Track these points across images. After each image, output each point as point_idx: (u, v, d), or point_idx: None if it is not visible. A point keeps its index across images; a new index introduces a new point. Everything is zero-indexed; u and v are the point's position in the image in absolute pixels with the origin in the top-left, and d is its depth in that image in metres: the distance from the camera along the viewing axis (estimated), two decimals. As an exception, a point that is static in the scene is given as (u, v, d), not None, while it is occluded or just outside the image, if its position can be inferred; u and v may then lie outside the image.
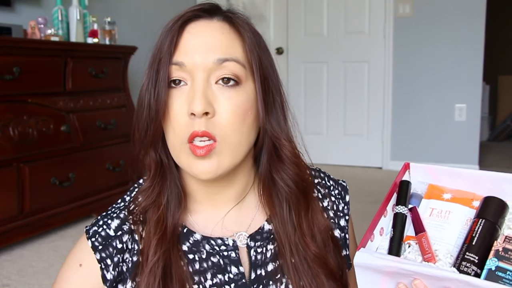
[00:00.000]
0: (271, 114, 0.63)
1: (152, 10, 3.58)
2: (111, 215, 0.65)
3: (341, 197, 0.72)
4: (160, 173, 0.64)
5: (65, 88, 2.31)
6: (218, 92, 0.58)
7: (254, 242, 0.64)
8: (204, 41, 0.58)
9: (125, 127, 2.66)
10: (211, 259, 0.63)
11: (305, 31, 3.87)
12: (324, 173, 0.74)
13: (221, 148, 0.58)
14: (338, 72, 3.80)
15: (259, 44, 0.62)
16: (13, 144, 1.99)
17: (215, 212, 0.66)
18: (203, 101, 0.56)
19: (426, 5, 3.46)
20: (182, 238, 0.63)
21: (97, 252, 0.62)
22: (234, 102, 0.58)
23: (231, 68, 0.58)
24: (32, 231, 2.11)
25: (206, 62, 0.58)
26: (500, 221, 0.54)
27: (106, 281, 0.61)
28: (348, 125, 3.81)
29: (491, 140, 5.27)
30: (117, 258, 0.62)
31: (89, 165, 2.40)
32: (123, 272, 0.62)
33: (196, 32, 0.59)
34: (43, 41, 2.28)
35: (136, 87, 3.17)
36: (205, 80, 0.57)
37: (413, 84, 3.57)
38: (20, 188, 2.02)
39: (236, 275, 0.62)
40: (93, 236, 0.63)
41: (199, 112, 0.56)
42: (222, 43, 0.59)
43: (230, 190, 0.65)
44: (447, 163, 3.49)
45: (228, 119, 0.57)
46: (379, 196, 2.82)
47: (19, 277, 1.77)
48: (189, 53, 0.58)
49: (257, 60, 0.61)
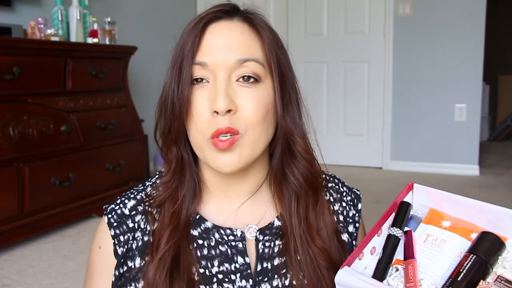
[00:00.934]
0: (287, 111, 0.65)
1: (152, 10, 3.58)
2: (129, 196, 0.69)
3: (353, 204, 0.73)
4: (180, 169, 0.66)
5: (65, 88, 2.31)
6: (239, 89, 0.61)
7: (263, 236, 0.66)
8: (225, 41, 0.61)
9: (125, 127, 2.66)
10: (219, 247, 0.65)
11: (305, 31, 3.87)
12: (339, 180, 0.76)
13: (243, 140, 0.60)
14: (338, 72, 3.80)
15: (277, 43, 0.65)
16: (13, 144, 1.99)
17: (229, 204, 0.68)
18: (226, 99, 0.58)
19: (426, 5, 3.46)
20: (194, 224, 0.66)
21: (111, 228, 0.66)
22: (255, 97, 0.61)
23: (251, 68, 0.61)
24: (32, 231, 2.11)
25: (227, 62, 0.60)
26: (493, 259, 0.51)
27: (117, 255, 0.65)
28: (348, 125, 3.81)
29: (491, 140, 5.28)
30: (127, 236, 0.66)
31: (89, 165, 2.40)
32: (132, 249, 0.65)
33: (217, 32, 0.62)
34: (43, 41, 2.28)
35: (136, 87, 3.17)
36: (226, 79, 0.60)
37: (413, 84, 3.57)
38: (20, 188, 2.02)
39: (242, 265, 0.64)
40: (109, 213, 0.67)
41: (223, 110, 0.58)
42: (242, 44, 0.61)
43: (245, 184, 0.67)
44: (447, 163, 3.50)
45: (250, 113, 0.60)
46: (379, 196, 2.83)
47: (19, 277, 1.77)
48: (211, 53, 0.61)
49: (275, 59, 0.63)
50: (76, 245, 2.11)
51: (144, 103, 3.28)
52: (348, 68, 3.76)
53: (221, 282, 0.63)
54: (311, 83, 3.87)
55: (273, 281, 0.64)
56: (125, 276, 0.65)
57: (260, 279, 0.64)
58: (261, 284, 0.64)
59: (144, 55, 3.13)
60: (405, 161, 3.64)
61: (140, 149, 2.75)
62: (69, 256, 1.98)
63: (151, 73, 3.44)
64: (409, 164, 3.62)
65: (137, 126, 2.75)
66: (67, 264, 1.89)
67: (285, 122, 0.65)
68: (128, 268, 0.65)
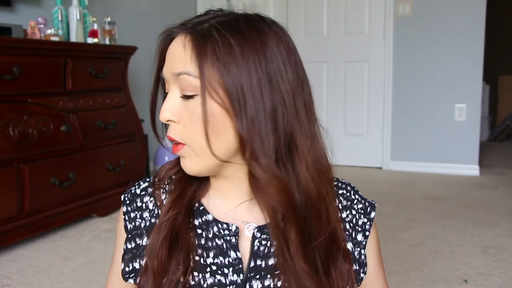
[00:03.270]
0: (241, 117, 0.58)
1: (152, 10, 3.58)
2: (145, 179, 0.75)
3: (365, 212, 0.73)
4: None
5: (65, 88, 2.31)
6: (181, 102, 0.62)
7: (261, 234, 0.67)
8: (171, 57, 0.63)
9: (125, 127, 2.66)
10: (216, 240, 0.67)
11: (305, 31, 3.87)
12: (352, 188, 0.75)
13: (187, 152, 0.63)
14: (338, 72, 3.80)
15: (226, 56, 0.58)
16: (13, 144, 1.99)
17: (231, 201, 0.69)
18: (165, 112, 0.62)
19: (426, 5, 3.46)
20: (196, 214, 0.69)
21: (124, 205, 0.73)
22: (191, 109, 0.61)
23: (184, 81, 0.60)
24: (32, 231, 2.11)
25: (169, 76, 0.63)
26: None
27: (127, 230, 0.71)
28: (348, 125, 3.81)
29: (491, 140, 5.28)
30: (135, 213, 0.71)
31: (89, 165, 2.39)
32: (140, 227, 0.70)
33: (170, 48, 0.64)
34: (43, 41, 2.28)
35: (136, 87, 3.17)
36: (174, 90, 0.63)
37: (413, 84, 3.57)
38: (20, 188, 2.02)
39: (234, 259, 0.65)
40: (127, 193, 0.74)
41: (163, 120, 0.63)
42: (180, 57, 0.61)
43: (244, 186, 0.67)
44: (447, 163, 3.50)
45: (185, 125, 0.62)
46: (379, 196, 2.83)
47: (19, 277, 1.77)
48: (164, 69, 0.64)
49: (210, 73, 0.58)
50: (76, 245, 2.11)
51: (144, 103, 3.27)
52: (348, 68, 3.76)
53: (214, 273, 0.65)
54: (311, 83, 3.87)
55: (265, 280, 0.65)
56: (133, 252, 0.70)
57: (252, 276, 0.65)
58: (252, 280, 0.65)
59: (144, 55, 3.13)
60: (405, 161, 3.64)
61: (140, 149, 2.75)
62: (69, 256, 1.98)
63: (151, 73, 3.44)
64: (409, 164, 3.62)
65: (137, 126, 2.75)
66: (67, 264, 1.89)
67: (243, 127, 0.58)
68: (136, 245, 0.70)
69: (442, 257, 1.91)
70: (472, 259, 1.89)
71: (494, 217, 2.41)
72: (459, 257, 1.91)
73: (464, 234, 2.19)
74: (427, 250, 1.99)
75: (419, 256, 1.93)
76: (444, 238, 2.14)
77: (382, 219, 2.36)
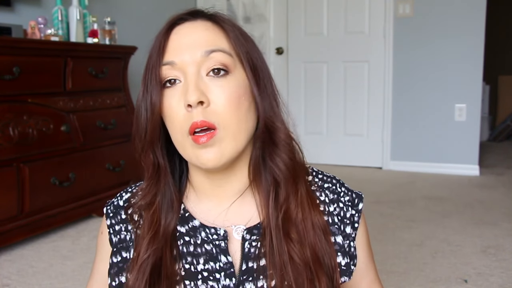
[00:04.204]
0: (265, 99, 0.65)
1: (152, 10, 3.58)
2: (127, 190, 0.74)
3: (352, 204, 0.71)
4: (156, 176, 0.67)
5: (65, 88, 2.31)
6: (210, 83, 0.61)
7: (250, 236, 0.66)
8: (190, 39, 0.62)
9: (125, 127, 2.66)
10: (205, 246, 0.66)
11: (305, 31, 3.87)
12: (338, 180, 0.74)
13: (222, 134, 0.60)
14: (338, 72, 3.80)
15: (245, 38, 0.66)
16: (13, 144, 1.99)
17: (218, 204, 0.68)
18: (197, 91, 0.59)
19: (426, 5, 3.46)
20: (182, 221, 0.67)
21: (108, 218, 0.71)
22: (226, 89, 0.61)
23: (218, 58, 0.61)
24: (32, 231, 2.11)
25: (194, 57, 0.61)
26: None
27: (112, 244, 0.70)
28: (348, 125, 3.81)
29: (491, 140, 5.27)
30: (119, 226, 0.70)
31: (89, 165, 2.39)
32: (125, 240, 0.69)
33: (182, 32, 0.63)
34: (43, 41, 2.28)
35: (136, 87, 3.17)
36: (196, 73, 0.61)
37: (413, 84, 3.57)
38: (20, 188, 2.02)
39: (225, 264, 0.65)
40: (108, 205, 0.73)
41: (194, 102, 0.58)
42: (207, 37, 0.62)
43: (233, 183, 0.67)
44: (447, 163, 3.50)
45: (223, 106, 0.60)
46: (379, 196, 2.83)
47: (19, 277, 1.77)
48: (178, 52, 0.62)
49: (243, 49, 0.64)
50: (76, 245, 2.11)
51: (144, 103, 3.27)
52: (348, 68, 3.76)
53: (206, 280, 0.64)
54: (311, 83, 3.88)
55: (258, 282, 0.64)
56: (118, 266, 0.68)
57: (245, 279, 0.64)
58: (245, 283, 0.64)
59: (144, 55, 3.12)
60: (405, 161, 3.64)
61: (140, 149, 2.75)
62: (69, 256, 1.98)
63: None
64: (409, 164, 3.62)
65: (137, 126, 2.75)
66: (67, 264, 1.89)
67: (264, 110, 0.64)
68: (122, 258, 0.68)
69: (442, 257, 1.91)
70: (472, 259, 1.89)
71: (494, 217, 2.41)
72: (459, 257, 1.91)
73: (464, 234, 2.19)
74: (427, 250, 1.99)
75: (419, 256, 1.93)
76: (444, 238, 2.14)
77: (382, 219, 2.36)
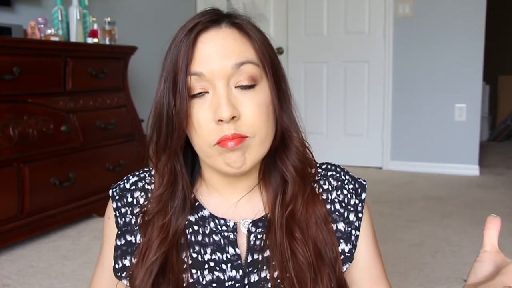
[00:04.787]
0: (284, 109, 0.67)
1: (152, 10, 3.58)
2: (135, 173, 0.73)
3: (356, 193, 0.71)
4: (173, 181, 0.67)
5: (65, 88, 2.31)
6: (240, 95, 0.61)
7: (256, 228, 0.67)
8: (219, 49, 0.61)
9: (125, 127, 2.66)
10: (213, 236, 0.67)
11: (305, 31, 3.87)
12: (342, 169, 0.75)
13: (251, 142, 0.61)
14: (338, 72, 3.80)
15: (267, 43, 0.66)
16: (13, 144, 1.99)
17: (228, 199, 0.70)
18: (229, 107, 0.59)
19: (426, 5, 3.46)
20: (192, 210, 0.68)
21: (114, 201, 0.71)
22: (255, 101, 0.61)
23: (248, 70, 0.61)
24: (32, 231, 2.11)
25: (224, 69, 0.60)
26: None
27: (118, 226, 0.70)
28: (348, 125, 3.81)
29: (491, 140, 5.27)
30: (125, 209, 0.70)
31: (89, 165, 2.40)
32: (130, 224, 0.69)
33: (209, 41, 0.61)
34: (43, 41, 2.28)
35: (136, 87, 3.17)
36: (226, 86, 0.60)
37: (413, 84, 3.57)
38: (20, 188, 2.02)
39: (233, 255, 0.66)
40: (114, 188, 0.72)
41: (227, 118, 0.58)
42: (236, 48, 0.61)
43: (245, 180, 0.69)
44: (447, 163, 3.50)
45: (254, 117, 0.61)
46: (379, 196, 2.83)
47: (19, 277, 1.77)
48: (206, 62, 0.60)
49: (268, 58, 0.65)
50: (76, 245, 2.11)
51: (144, 103, 3.27)
52: (348, 68, 3.76)
53: (212, 270, 0.66)
54: (311, 83, 3.87)
55: (261, 272, 0.66)
56: (122, 249, 0.69)
57: (250, 270, 0.66)
58: (251, 275, 0.66)
59: (144, 55, 3.13)
60: (405, 161, 3.64)
61: (140, 149, 2.75)
62: (69, 256, 1.98)
63: (151, 73, 3.43)
64: (409, 164, 3.62)
65: (137, 126, 2.75)
66: (67, 264, 1.89)
67: (283, 119, 0.66)
68: (126, 241, 0.69)
69: (442, 257, 1.91)
70: (472, 259, 1.88)
71: (494, 217, 2.41)
72: (459, 257, 1.91)
73: (464, 234, 2.19)
74: (427, 250, 1.99)
75: (419, 256, 1.93)
76: (444, 238, 2.14)
77: (382, 219, 2.36)
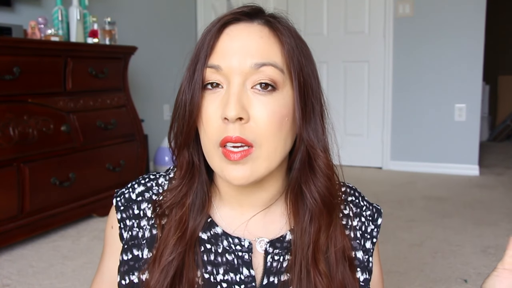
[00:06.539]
0: (309, 123, 0.61)
1: (152, 10, 3.58)
2: (140, 181, 0.69)
3: (372, 219, 0.70)
4: (189, 174, 0.64)
5: (65, 88, 2.31)
6: (254, 97, 0.57)
7: (273, 249, 0.63)
8: (242, 45, 0.57)
9: (125, 127, 2.66)
10: (226, 256, 0.63)
11: (305, 31, 3.87)
12: (359, 193, 0.72)
13: (257, 154, 0.57)
14: (338, 72, 3.80)
15: (300, 50, 0.61)
16: (13, 144, 1.99)
17: (241, 214, 0.65)
18: (237, 106, 0.55)
19: (426, 5, 3.46)
20: (205, 227, 0.64)
21: (118, 212, 0.66)
22: (270, 108, 0.57)
23: (268, 73, 0.57)
24: (32, 231, 2.10)
25: (243, 66, 0.56)
26: None
27: (122, 240, 0.65)
28: (348, 125, 3.81)
29: (491, 140, 5.27)
30: (132, 222, 0.65)
31: (89, 165, 2.39)
32: (137, 237, 0.65)
33: (235, 35, 0.58)
34: (43, 41, 2.28)
35: (136, 87, 3.17)
36: (240, 85, 0.56)
37: (413, 84, 3.57)
38: (20, 188, 2.02)
39: (247, 277, 0.62)
40: (118, 196, 0.68)
41: (232, 118, 0.54)
42: (260, 47, 0.57)
43: (260, 195, 0.64)
44: (447, 163, 3.50)
45: (263, 125, 0.56)
46: (379, 196, 2.83)
47: (19, 277, 1.77)
48: (226, 57, 0.57)
49: (298, 66, 0.59)
50: (76, 245, 2.11)
51: (144, 103, 3.28)
52: (348, 68, 3.76)
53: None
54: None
55: None
56: (129, 264, 0.64)
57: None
58: None
59: (144, 55, 3.13)
60: (405, 161, 3.64)
61: (140, 149, 2.75)
62: (69, 256, 1.98)
63: (151, 73, 3.44)
64: (409, 164, 3.62)
65: (137, 126, 2.75)
66: (67, 264, 1.89)
67: (307, 134, 0.61)
68: (133, 256, 0.64)
69: (442, 257, 1.91)
70: (472, 259, 1.89)
71: (494, 217, 2.41)
72: (459, 257, 1.91)
73: (464, 234, 2.19)
74: (427, 250, 1.99)
75: (419, 256, 1.93)
76: (444, 238, 2.14)
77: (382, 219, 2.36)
